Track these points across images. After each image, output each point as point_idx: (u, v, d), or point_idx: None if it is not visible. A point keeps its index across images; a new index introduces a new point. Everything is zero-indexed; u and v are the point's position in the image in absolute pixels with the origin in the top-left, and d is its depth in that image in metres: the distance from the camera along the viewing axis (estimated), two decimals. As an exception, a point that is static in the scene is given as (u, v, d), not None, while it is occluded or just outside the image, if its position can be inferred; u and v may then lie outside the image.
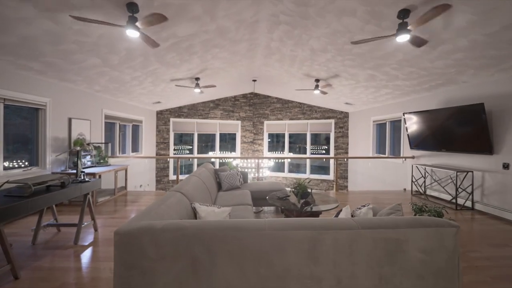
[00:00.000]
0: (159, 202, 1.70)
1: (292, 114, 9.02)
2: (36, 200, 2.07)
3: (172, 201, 1.77)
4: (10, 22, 2.54)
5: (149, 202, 4.52)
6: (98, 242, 2.72)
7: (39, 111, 3.98)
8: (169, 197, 1.86)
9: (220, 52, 4.76)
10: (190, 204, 2.02)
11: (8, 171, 3.49)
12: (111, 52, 3.67)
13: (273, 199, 3.04)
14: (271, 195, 3.19)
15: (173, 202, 1.78)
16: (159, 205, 1.63)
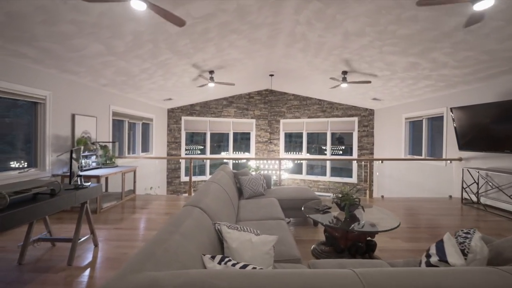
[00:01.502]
0: (171, 228, 1.15)
1: (310, 112, 8.37)
2: (11, 216, 1.57)
3: (189, 226, 1.21)
4: (-9, -8, 2.07)
5: (159, 208, 4.02)
6: (96, 263, 2.21)
7: (38, 106, 3.55)
8: (185, 217, 1.30)
9: (238, 39, 4.20)
10: (212, 224, 1.46)
11: (1, 173, 3.06)
12: (115, 37, 3.18)
13: (310, 211, 2.44)
14: (307, 206, 2.59)
15: (190, 227, 1.21)
16: (171, 234, 1.07)
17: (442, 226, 3.27)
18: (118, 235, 2.83)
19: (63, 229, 3.02)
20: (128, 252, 2.40)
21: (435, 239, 2.80)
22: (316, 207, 2.48)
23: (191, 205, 1.52)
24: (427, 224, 3.31)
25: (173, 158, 6.53)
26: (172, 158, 6.45)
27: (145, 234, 2.86)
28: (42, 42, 2.92)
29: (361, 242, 2.13)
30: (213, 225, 1.47)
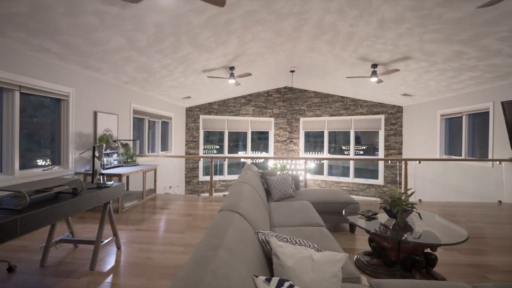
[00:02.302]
0: (214, 241, 0.92)
1: (332, 110, 7.97)
2: (31, 217, 1.42)
3: (232, 238, 0.98)
4: (14, -21, 1.97)
5: (180, 208, 3.87)
6: (120, 268, 2.05)
7: (61, 103, 3.50)
8: (226, 226, 1.07)
9: (262, 31, 3.97)
10: (255, 234, 1.22)
11: (26, 171, 3.02)
12: (138, 29, 3.05)
13: (353, 217, 2.14)
14: (348, 210, 2.30)
15: (234, 239, 0.98)
16: (216, 249, 0.84)
17: (501, 236, 2.83)
18: (140, 237, 2.68)
19: (86, 229, 2.93)
20: (152, 257, 2.23)
21: (499, 252, 2.42)
22: (361, 213, 2.17)
23: (229, 210, 1.30)
24: (482, 234, 2.89)
25: (193, 157, 6.41)
26: (193, 157, 6.33)
27: (168, 237, 2.68)
28: (65, 36, 2.83)
29: (419, 255, 1.81)
30: (256, 234, 1.23)
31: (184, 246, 2.45)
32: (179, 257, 2.23)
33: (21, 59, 2.92)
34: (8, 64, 2.77)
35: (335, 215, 2.77)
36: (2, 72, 2.69)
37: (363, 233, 2.80)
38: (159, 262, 2.13)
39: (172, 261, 2.15)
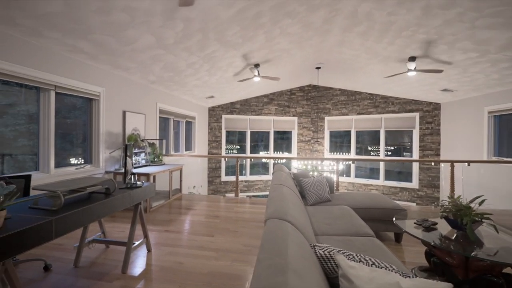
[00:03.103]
0: (277, 259, 0.75)
1: (360, 108, 7.54)
2: (65, 219, 1.35)
3: (295, 255, 0.81)
4: (50, -24, 1.96)
5: (206, 209, 3.77)
6: (151, 271, 1.96)
7: (93, 102, 3.56)
8: (282, 239, 0.90)
9: (291, 25, 3.76)
10: (311, 248, 1.03)
11: (61, 169, 3.08)
12: (166, 26, 2.99)
13: (407, 226, 1.87)
14: (399, 217, 2.03)
15: (297, 256, 0.81)
16: (283, 273, 0.67)
17: None
18: (169, 239, 2.60)
19: (116, 228, 2.91)
20: (183, 261, 2.12)
21: None
22: (417, 222, 1.89)
23: (278, 219, 1.12)
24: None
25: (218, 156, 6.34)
26: (218, 157, 6.26)
27: (198, 240, 2.57)
28: (97, 35, 2.84)
29: (496, 276, 1.51)
30: (312, 248, 1.04)
31: (215, 251, 2.32)
32: (211, 263, 2.10)
33: (56, 59, 2.97)
34: (44, 64, 2.83)
35: (378, 222, 2.50)
36: (39, 72, 2.74)
37: (411, 243, 2.50)
38: (191, 268, 2.01)
39: (205, 268, 2.02)
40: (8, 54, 2.47)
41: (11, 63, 2.48)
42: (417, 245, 2.46)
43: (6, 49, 2.46)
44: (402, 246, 2.45)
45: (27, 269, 1.97)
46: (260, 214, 3.50)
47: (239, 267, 2.06)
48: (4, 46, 2.45)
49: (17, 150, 2.71)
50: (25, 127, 2.81)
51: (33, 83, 2.70)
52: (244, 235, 2.69)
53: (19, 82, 2.59)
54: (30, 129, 2.83)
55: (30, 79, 2.66)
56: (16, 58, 2.55)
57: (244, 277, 1.91)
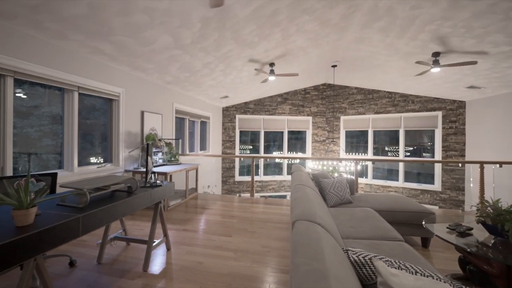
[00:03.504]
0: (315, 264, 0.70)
1: (378, 107, 7.29)
2: (91, 217, 1.36)
3: (332, 260, 0.76)
4: (76, -21, 2.01)
5: (222, 208, 3.77)
6: (172, 270, 1.96)
7: (113, 103, 3.65)
8: (316, 242, 0.85)
9: (308, 22, 3.68)
10: (344, 252, 0.97)
11: (83, 167, 3.17)
12: (184, 26, 3.00)
13: (438, 230, 1.75)
14: (427, 221, 1.91)
15: (334, 261, 0.76)
16: (325, 279, 0.60)
17: None
18: (187, 238, 2.60)
19: (135, 226, 2.96)
20: (202, 261, 2.11)
21: None
22: (450, 227, 1.77)
23: (307, 221, 1.07)
24: None
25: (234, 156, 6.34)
26: (233, 156, 6.27)
27: (216, 240, 2.56)
28: (117, 36, 2.89)
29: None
30: (345, 253, 0.98)
31: (234, 252, 2.29)
32: (230, 263, 2.07)
33: (79, 61, 3.07)
34: (68, 66, 2.92)
35: (403, 226, 2.38)
36: (64, 73, 2.83)
37: (439, 249, 2.36)
38: (211, 268, 2.00)
39: (224, 268, 2.00)
40: (36, 57, 2.57)
41: (39, 65, 2.58)
42: (446, 251, 2.32)
43: (34, 52, 2.56)
44: (430, 252, 2.31)
45: (54, 264, 2.03)
46: (277, 215, 3.44)
47: (258, 268, 2.02)
48: (33, 48, 2.55)
49: (41, 150, 2.81)
50: (48, 127, 2.91)
51: (58, 84, 2.80)
52: (262, 236, 2.65)
53: (45, 84, 2.69)
54: (53, 129, 2.93)
55: (55, 80, 2.75)
56: (43, 60, 2.64)
57: (264, 280, 1.87)
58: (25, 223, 1.13)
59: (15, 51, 2.39)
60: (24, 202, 1.12)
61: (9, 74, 2.34)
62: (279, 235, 2.70)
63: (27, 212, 1.12)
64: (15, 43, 2.40)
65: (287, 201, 4.32)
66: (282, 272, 1.96)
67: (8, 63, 2.31)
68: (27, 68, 2.46)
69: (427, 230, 1.78)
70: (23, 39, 2.46)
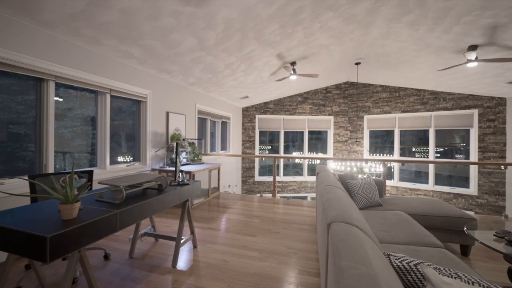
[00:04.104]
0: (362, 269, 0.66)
1: (405, 106, 6.93)
2: (126, 213, 1.41)
3: (378, 264, 0.71)
4: (110, -13, 2.12)
5: (245, 208, 3.78)
6: (199, 268, 2.00)
7: (141, 104, 3.80)
8: (359, 245, 0.82)
9: (333, 18, 3.58)
10: (386, 256, 0.91)
11: (114, 166, 3.34)
12: (208, 27, 3.05)
13: (483, 238, 1.61)
14: (470, 228, 1.77)
15: (379, 266, 0.71)
16: (376, 285, 0.56)
17: None
18: (213, 237, 2.63)
19: (162, 223, 3.06)
20: (228, 260, 2.12)
21: None
22: (498, 234, 1.62)
23: (345, 223, 1.02)
24: None
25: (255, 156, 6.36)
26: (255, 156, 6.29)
27: (241, 240, 2.57)
28: (146, 40, 3.01)
29: None
30: (387, 258, 0.92)
31: (259, 252, 2.28)
32: (256, 263, 2.07)
33: (110, 64, 3.24)
34: (101, 69, 3.09)
35: (440, 231, 2.22)
36: (97, 77, 3.00)
37: (481, 258, 2.18)
38: (237, 267, 2.00)
39: (251, 268, 1.99)
40: (73, 62, 2.75)
41: (76, 70, 2.76)
42: (490, 261, 2.13)
43: (72, 57, 2.74)
44: (471, 261, 2.14)
45: (90, 256, 2.15)
46: (301, 216, 3.38)
47: (285, 270, 1.99)
48: (71, 54, 2.74)
49: (74, 149, 2.99)
50: (80, 128, 3.09)
51: (92, 87, 2.97)
52: (287, 237, 2.62)
53: (81, 87, 2.87)
54: (84, 130, 3.11)
55: (90, 83, 2.93)
56: (79, 65, 2.82)
57: (291, 281, 1.83)
58: (70, 216, 1.20)
59: (56, 57, 2.57)
60: (70, 197, 1.19)
61: (51, 78, 2.52)
62: (304, 236, 2.64)
63: (72, 206, 1.19)
64: (56, 50, 2.58)
65: (308, 202, 4.24)
66: (310, 275, 1.91)
67: (50, 68, 2.49)
68: (66, 73, 2.64)
69: (470, 237, 1.64)
70: (62, 45, 2.64)
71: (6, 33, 2.18)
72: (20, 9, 2.17)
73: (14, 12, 2.19)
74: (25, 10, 2.20)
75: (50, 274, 1.88)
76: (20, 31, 2.29)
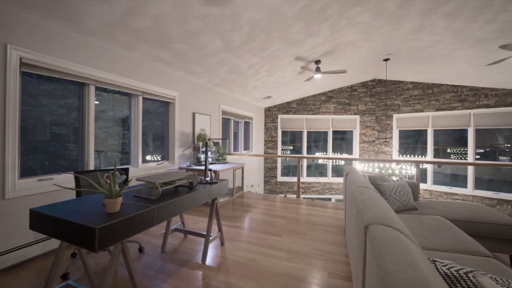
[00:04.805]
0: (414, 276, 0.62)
1: (440, 103, 6.45)
2: (162, 208, 1.48)
3: (426, 269, 0.68)
4: None
5: (269, 208, 3.78)
6: (227, 265, 2.03)
7: (169, 105, 3.97)
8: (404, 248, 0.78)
9: (360, 14, 3.45)
10: (431, 262, 0.85)
11: (146, 164, 3.53)
12: (235, 29, 3.10)
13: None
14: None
15: (428, 269, 0.68)
16: None
17: None
18: (239, 235, 2.67)
19: (190, 220, 3.16)
20: (256, 259, 2.13)
21: None
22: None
23: (384, 225, 0.98)
24: None
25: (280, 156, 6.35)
26: (279, 156, 6.27)
27: (267, 239, 2.57)
28: (175, 44, 3.14)
29: None
30: (433, 263, 0.86)
31: (286, 252, 2.26)
32: (284, 264, 2.05)
33: (143, 68, 3.42)
34: (135, 73, 3.28)
35: (484, 240, 2.03)
36: (131, 80, 3.19)
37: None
38: (265, 267, 2.01)
39: (279, 268, 1.99)
40: (111, 66, 2.95)
41: (113, 74, 2.95)
42: (547, 274, 1.90)
43: (109, 62, 2.94)
44: (523, 273, 1.92)
45: (126, 249, 2.29)
46: (326, 218, 3.30)
47: (313, 272, 1.95)
48: (108, 59, 2.94)
49: (107, 148, 3.18)
50: (112, 129, 3.29)
51: (127, 90, 3.16)
52: (314, 239, 2.57)
53: (112, 90, 3.07)
54: (115, 130, 3.31)
55: (125, 86, 3.12)
56: (116, 69, 3.02)
57: (320, 284, 1.79)
58: (114, 210, 1.28)
59: (96, 62, 2.78)
60: (113, 192, 1.28)
61: (92, 82, 2.73)
62: (331, 239, 2.57)
63: (115, 201, 1.28)
64: (96, 56, 2.79)
65: (333, 204, 4.12)
66: (339, 278, 1.85)
67: (91, 73, 2.70)
68: (104, 77, 2.84)
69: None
70: (101, 52, 2.85)
71: (54, 42, 2.41)
72: (66, 20, 2.38)
73: (61, 22, 2.40)
74: (70, 21, 2.41)
75: (93, 264, 2.03)
76: (66, 40, 2.51)
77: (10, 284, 1.76)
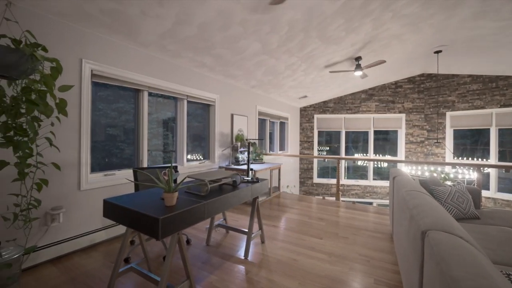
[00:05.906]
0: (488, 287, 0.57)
1: (506, 98, 5.62)
2: (211, 204, 1.60)
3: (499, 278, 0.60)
4: (192, 8, 2.42)
5: (307, 209, 3.73)
6: (269, 262, 2.08)
7: (210, 107, 4.19)
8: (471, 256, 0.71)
9: (407, 6, 3.21)
10: (502, 273, 0.77)
11: (189, 163, 3.79)
12: (273, 31, 3.15)
13: None
14: None
15: (501, 279, 0.59)
16: None
17: None
18: (278, 235, 2.70)
19: (230, 217, 3.30)
20: (297, 259, 2.14)
21: None
22: None
23: (445, 232, 0.91)
24: None
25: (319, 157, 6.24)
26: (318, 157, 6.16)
27: (307, 241, 2.55)
28: (217, 49, 3.31)
29: None
30: (507, 277, 0.78)
31: (327, 255, 2.22)
32: (326, 266, 2.02)
33: (187, 74, 3.68)
34: (180, 79, 3.55)
35: None
36: (177, 85, 3.46)
37: None
38: (307, 267, 2.00)
39: (321, 270, 1.97)
40: (160, 73, 3.25)
41: (162, 80, 3.24)
42: None
43: (159, 70, 3.24)
44: None
45: (175, 240, 2.50)
46: (369, 223, 3.13)
47: (358, 277, 1.88)
48: (158, 67, 3.24)
49: (151, 147, 3.45)
50: (156, 130, 3.57)
51: (173, 94, 3.44)
52: (357, 244, 2.47)
53: (159, 94, 3.35)
54: (159, 131, 3.58)
55: (172, 91, 3.40)
56: (165, 76, 3.31)
57: (366, 290, 1.73)
58: (171, 203, 1.43)
59: (148, 70, 3.09)
60: (171, 187, 1.43)
61: (145, 89, 3.04)
62: (377, 245, 2.44)
63: (173, 195, 1.42)
64: (148, 65, 3.10)
65: (375, 209, 3.88)
66: (388, 286, 1.76)
67: (145, 80, 3.00)
68: (155, 83, 3.14)
69: None
70: (153, 60, 3.15)
71: (116, 54, 2.74)
72: (126, 34, 2.69)
73: (121, 37, 2.73)
74: (129, 35, 2.72)
75: (149, 250, 2.26)
76: (125, 52, 2.85)
77: (86, 262, 2.07)
